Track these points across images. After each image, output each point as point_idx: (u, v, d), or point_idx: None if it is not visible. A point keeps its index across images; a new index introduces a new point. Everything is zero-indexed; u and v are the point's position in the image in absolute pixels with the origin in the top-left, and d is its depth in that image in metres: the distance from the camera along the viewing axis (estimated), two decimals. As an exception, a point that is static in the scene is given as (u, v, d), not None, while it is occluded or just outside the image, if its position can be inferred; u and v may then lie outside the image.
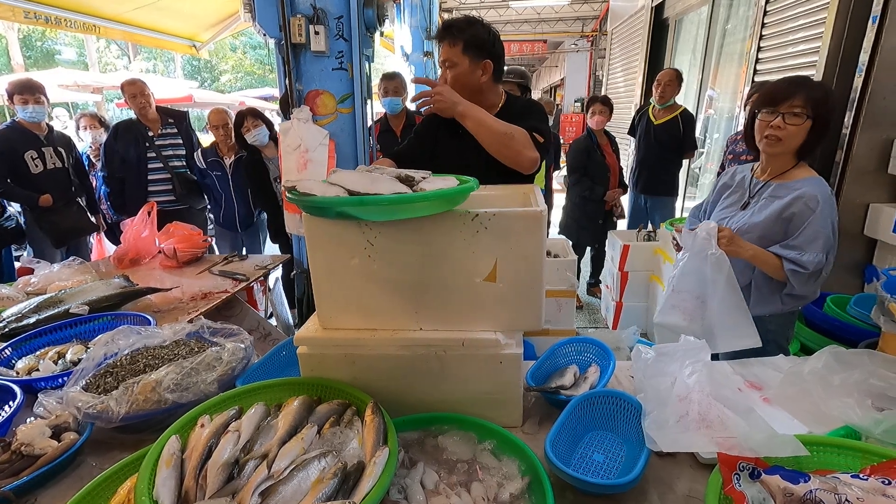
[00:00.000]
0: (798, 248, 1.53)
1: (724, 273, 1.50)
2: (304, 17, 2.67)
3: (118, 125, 3.58)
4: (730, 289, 1.51)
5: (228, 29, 6.03)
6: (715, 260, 1.51)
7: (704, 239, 1.52)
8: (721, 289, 1.51)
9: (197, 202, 3.70)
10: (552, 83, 17.99)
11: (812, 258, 1.50)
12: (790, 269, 1.52)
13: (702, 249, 1.52)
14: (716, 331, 1.53)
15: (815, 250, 1.50)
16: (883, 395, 1.09)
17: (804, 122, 1.50)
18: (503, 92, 1.79)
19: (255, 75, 23.19)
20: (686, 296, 1.58)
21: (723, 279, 1.51)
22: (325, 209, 1.01)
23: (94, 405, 1.11)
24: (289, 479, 0.83)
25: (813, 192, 1.53)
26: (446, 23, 1.66)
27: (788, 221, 1.56)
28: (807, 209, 1.52)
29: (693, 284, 1.56)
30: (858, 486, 0.79)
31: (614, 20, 8.63)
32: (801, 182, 1.58)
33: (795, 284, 1.54)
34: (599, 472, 1.04)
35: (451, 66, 1.64)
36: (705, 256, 1.52)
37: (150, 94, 3.47)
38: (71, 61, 18.25)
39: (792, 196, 1.55)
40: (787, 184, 1.60)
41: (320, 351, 1.16)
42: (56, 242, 3.39)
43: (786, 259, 1.53)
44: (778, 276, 1.57)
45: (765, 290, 1.65)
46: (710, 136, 5.30)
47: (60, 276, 2.23)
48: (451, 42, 1.62)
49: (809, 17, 3.07)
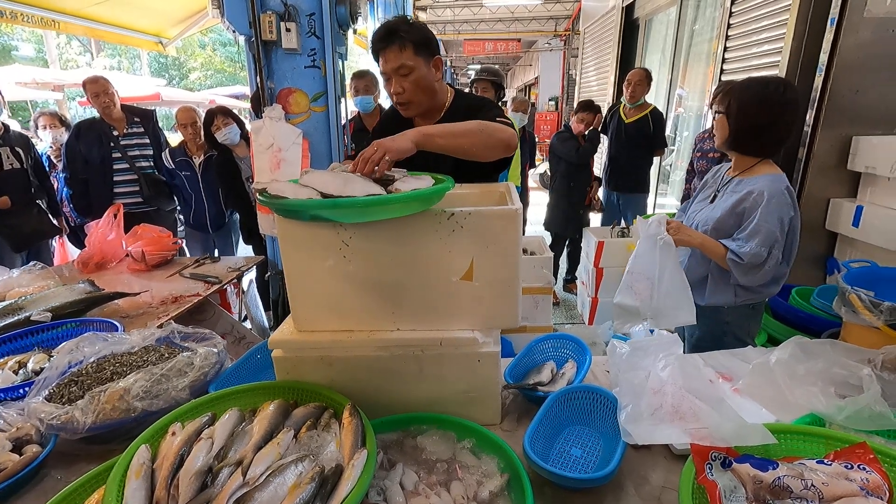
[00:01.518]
0: (740, 241, 1.62)
1: (671, 258, 1.63)
2: (274, 14, 2.62)
3: (80, 124, 3.44)
4: (675, 271, 1.64)
5: (196, 25, 5.86)
6: (663, 244, 1.64)
7: (656, 227, 1.66)
8: (668, 271, 1.63)
9: (166, 203, 3.59)
10: (526, 82, 18.15)
11: (749, 250, 1.58)
12: (730, 259, 1.62)
13: (652, 235, 1.66)
14: (661, 309, 1.65)
15: (754, 243, 1.58)
16: (845, 383, 1.13)
17: (718, 117, 1.68)
18: (449, 88, 1.72)
19: (226, 73, 22.66)
20: (639, 276, 1.69)
21: (670, 263, 1.63)
22: (298, 212, 0.99)
23: (58, 416, 1.07)
24: (265, 486, 0.81)
25: (762, 189, 1.61)
26: (388, 27, 1.49)
27: (741, 216, 1.65)
28: (755, 204, 1.61)
29: (645, 267, 1.67)
30: (823, 472, 0.82)
31: (586, 20, 8.75)
32: (759, 178, 1.66)
33: (736, 274, 1.64)
34: (577, 467, 1.05)
35: (407, 73, 1.49)
36: (655, 242, 1.65)
37: (114, 92, 3.34)
38: (29, 58, 17.49)
39: (745, 191, 1.64)
40: (746, 179, 1.69)
41: (296, 354, 1.14)
42: (15, 247, 3.25)
43: (729, 249, 1.63)
44: (724, 265, 1.67)
45: (719, 281, 1.75)
46: (681, 133, 5.43)
47: (20, 281, 2.14)
48: (401, 46, 1.47)
49: (772, 19, 3.17)
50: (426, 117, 1.64)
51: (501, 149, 1.40)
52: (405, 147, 1.14)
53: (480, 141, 1.34)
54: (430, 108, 1.62)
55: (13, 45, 17.81)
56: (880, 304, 1.63)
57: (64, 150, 3.45)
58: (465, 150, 1.32)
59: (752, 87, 1.61)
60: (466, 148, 1.31)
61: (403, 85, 1.52)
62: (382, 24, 1.52)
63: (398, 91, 1.52)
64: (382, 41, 1.49)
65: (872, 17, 2.50)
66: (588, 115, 3.99)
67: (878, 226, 2.42)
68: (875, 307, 1.64)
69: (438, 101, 1.64)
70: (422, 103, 1.58)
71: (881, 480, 0.80)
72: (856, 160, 2.61)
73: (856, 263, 2.24)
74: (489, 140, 1.36)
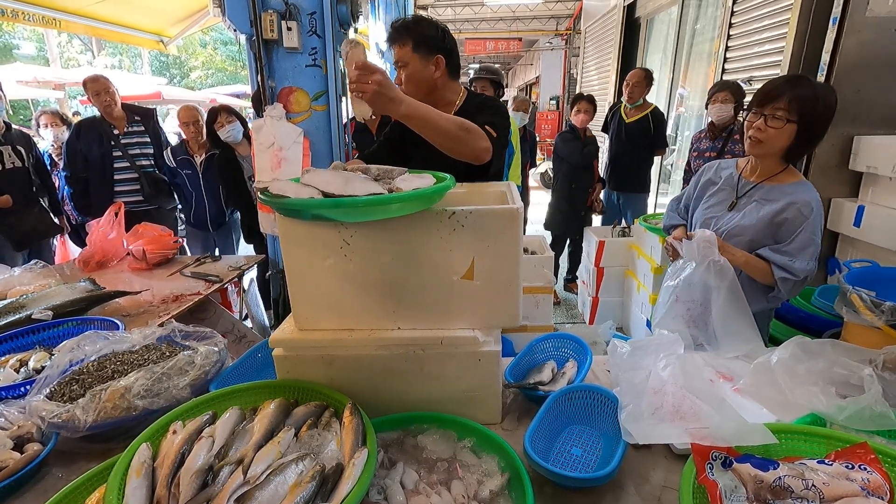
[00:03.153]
0: (790, 255, 1.51)
1: (727, 280, 1.51)
2: (275, 13, 2.62)
3: (80, 123, 3.45)
4: (733, 295, 1.51)
5: (197, 24, 5.86)
6: (719, 268, 1.52)
7: (706, 248, 1.52)
8: (724, 295, 1.51)
9: (167, 202, 3.59)
10: (528, 81, 18.13)
11: (803, 266, 1.50)
12: (781, 277, 1.51)
13: (704, 258, 1.53)
14: (719, 336, 1.52)
15: (806, 258, 1.50)
16: (846, 383, 1.13)
17: (784, 125, 1.46)
18: (462, 89, 1.76)
19: (227, 72, 22.65)
20: (690, 304, 1.58)
21: (725, 286, 1.51)
22: (299, 211, 0.99)
23: (59, 414, 1.07)
24: (265, 484, 0.81)
25: (807, 199, 1.51)
26: (394, 24, 1.65)
27: (779, 226, 1.55)
28: (800, 215, 1.50)
29: (697, 293, 1.56)
30: (824, 472, 0.82)
31: (588, 19, 8.74)
32: (792, 186, 1.56)
33: (784, 290, 1.54)
34: (578, 466, 1.05)
35: (402, 67, 1.64)
36: (708, 265, 1.53)
37: (114, 91, 3.35)
38: (30, 56, 17.48)
39: (786, 201, 1.53)
40: (778, 187, 1.58)
41: (296, 353, 1.14)
42: (17, 245, 3.25)
43: (776, 265, 1.52)
44: (766, 281, 1.56)
45: (750, 290, 1.62)
46: (682, 133, 5.42)
47: (21, 280, 2.14)
48: (401, 42, 1.62)
49: (774, 18, 3.17)
50: None
51: (470, 157, 1.47)
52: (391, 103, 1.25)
53: (454, 143, 1.40)
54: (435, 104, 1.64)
55: (14, 43, 17.81)
56: (881, 304, 1.63)
57: (64, 149, 3.47)
58: (438, 144, 1.40)
59: (821, 91, 1.47)
60: (439, 143, 1.39)
61: (400, 77, 1.66)
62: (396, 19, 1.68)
63: (397, 83, 1.64)
64: (391, 36, 1.65)
65: (874, 16, 2.49)
66: (587, 105, 3.98)
67: (879, 226, 2.42)
68: (876, 307, 1.64)
69: (443, 99, 1.70)
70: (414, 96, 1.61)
71: (882, 481, 0.80)
72: (857, 160, 2.60)
73: (857, 263, 2.24)
74: (462, 147, 1.43)
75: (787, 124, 1.46)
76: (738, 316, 1.51)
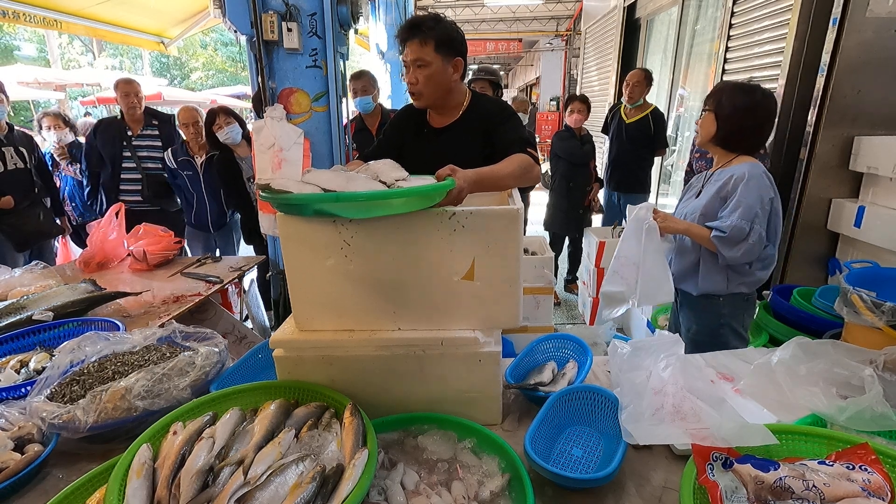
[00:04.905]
0: (722, 217, 1.71)
1: (654, 241, 1.74)
2: (276, 14, 2.62)
3: (101, 121, 3.66)
4: (657, 254, 1.74)
5: (198, 25, 5.87)
6: (647, 228, 1.74)
7: (644, 213, 1.76)
8: (650, 254, 1.74)
9: (170, 204, 3.62)
10: (528, 82, 18.13)
11: (731, 223, 1.66)
12: (714, 236, 1.70)
13: (639, 220, 1.76)
14: (644, 291, 1.73)
15: (736, 217, 1.67)
16: (846, 384, 1.13)
17: (706, 115, 1.79)
18: (467, 90, 1.76)
19: (227, 73, 22.66)
20: (624, 261, 1.78)
21: (652, 246, 1.74)
22: (301, 206, 1.00)
23: (60, 415, 1.07)
24: (266, 485, 0.81)
25: (742, 171, 1.71)
26: (414, 20, 1.59)
27: (724, 199, 1.74)
28: (735, 185, 1.71)
29: (630, 251, 1.77)
30: (824, 472, 0.82)
31: (588, 20, 8.74)
32: (736, 167, 1.76)
33: (721, 251, 1.70)
34: (578, 467, 1.05)
35: (422, 66, 1.57)
36: (641, 227, 1.74)
37: (142, 96, 3.57)
38: (31, 57, 17.51)
39: (727, 177, 1.75)
40: (726, 169, 1.80)
41: (297, 353, 1.14)
42: (18, 246, 3.25)
43: (712, 227, 1.72)
44: (710, 247, 1.74)
45: (710, 266, 1.81)
46: (682, 134, 5.41)
47: (22, 281, 2.14)
48: (422, 41, 1.55)
49: (774, 19, 3.17)
50: (443, 115, 1.70)
51: (528, 184, 1.57)
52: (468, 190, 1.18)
53: (517, 182, 1.45)
54: (444, 105, 1.69)
55: (15, 44, 17.83)
56: (882, 304, 1.62)
57: (84, 146, 3.64)
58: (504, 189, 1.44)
59: (741, 92, 1.73)
60: (506, 188, 1.43)
61: (418, 76, 1.58)
62: (408, 19, 1.63)
63: (412, 81, 1.60)
64: (408, 32, 1.57)
65: (874, 16, 2.49)
66: (580, 105, 3.98)
67: (879, 226, 2.42)
68: (877, 308, 1.63)
69: (455, 101, 1.69)
70: (431, 97, 1.63)
71: (882, 481, 0.80)
72: (858, 160, 2.60)
73: (857, 264, 2.24)
74: (524, 184, 1.51)
75: (707, 113, 1.79)
76: (656, 269, 1.74)
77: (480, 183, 1.25)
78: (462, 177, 1.13)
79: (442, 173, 1.12)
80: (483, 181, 1.27)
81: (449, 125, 1.69)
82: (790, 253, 2.89)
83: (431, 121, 1.73)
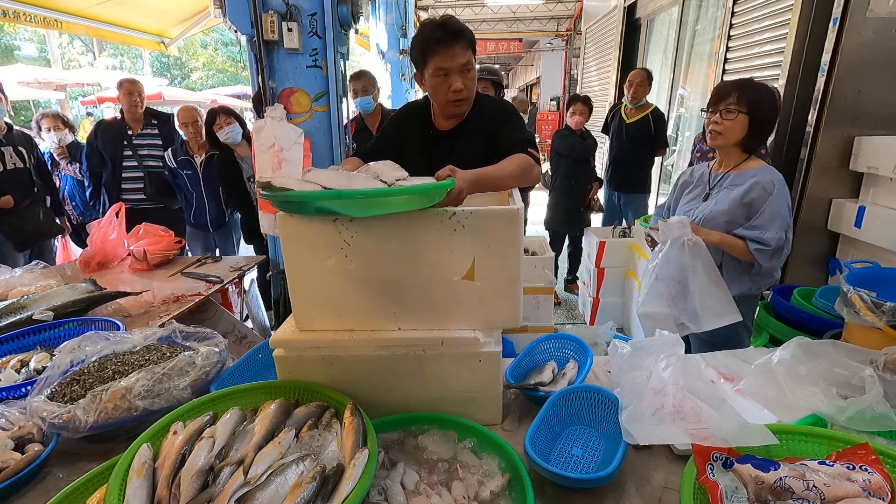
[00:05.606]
0: (760, 228, 1.67)
1: (701, 257, 1.64)
2: (276, 14, 2.62)
3: (101, 121, 3.71)
4: (708, 271, 1.64)
5: (198, 25, 5.87)
6: (692, 245, 1.65)
7: (679, 229, 1.66)
8: (700, 272, 1.65)
9: (172, 201, 3.63)
10: (528, 82, 18.13)
11: (773, 235, 1.65)
12: (755, 249, 1.66)
13: (678, 238, 1.66)
14: (699, 312, 1.64)
15: (775, 228, 1.65)
16: (847, 384, 1.13)
17: (737, 116, 1.68)
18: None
19: (228, 73, 22.66)
20: (669, 282, 1.68)
21: (701, 262, 1.64)
22: (302, 204, 1.00)
23: (60, 414, 1.07)
24: (266, 485, 0.81)
25: (769, 178, 1.69)
26: (454, 25, 1.50)
27: (749, 206, 1.70)
28: (764, 193, 1.67)
29: (674, 271, 1.67)
30: (825, 472, 0.82)
31: (588, 20, 8.74)
32: (755, 171, 1.73)
33: (761, 262, 1.67)
34: (578, 467, 1.05)
35: (468, 70, 1.52)
36: (682, 244, 1.64)
37: (144, 96, 3.61)
38: (31, 57, 17.51)
39: (750, 182, 1.70)
40: (742, 173, 1.75)
41: (297, 353, 1.14)
42: (18, 246, 3.25)
43: (750, 240, 1.67)
44: (744, 258, 1.71)
45: (734, 271, 1.79)
46: (682, 133, 5.41)
47: (22, 281, 2.14)
48: (466, 45, 1.49)
49: (774, 19, 3.17)
50: (450, 117, 1.66)
51: (528, 184, 1.55)
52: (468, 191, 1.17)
53: (517, 182, 1.44)
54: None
55: (16, 44, 17.84)
56: (882, 304, 1.62)
57: (85, 147, 3.67)
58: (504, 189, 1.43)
59: (764, 90, 1.68)
60: (506, 188, 1.42)
61: (465, 82, 1.53)
62: (440, 20, 1.51)
63: (459, 88, 1.52)
64: (452, 37, 1.48)
65: (875, 17, 2.49)
66: (582, 107, 3.98)
67: (880, 226, 2.41)
68: (877, 308, 1.63)
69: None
70: (470, 102, 1.62)
71: (883, 481, 0.80)
72: (858, 160, 2.60)
73: (858, 264, 2.24)
74: (524, 184, 1.49)
75: (738, 115, 1.68)
76: (714, 290, 1.65)
77: (480, 183, 1.25)
78: (462, 177, 1.13)
79: (441, 174, 1.11)
80: (483, 181, 1.26)
81: (455, 127, 1.67)
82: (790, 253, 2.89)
83: (437, 123, 1.70)
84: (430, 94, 1.61)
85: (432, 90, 1.57)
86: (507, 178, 1.39)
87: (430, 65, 1.51)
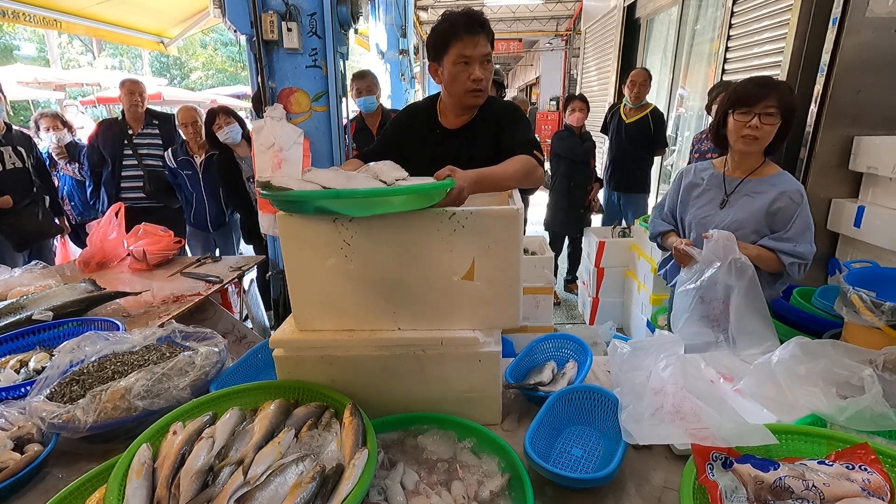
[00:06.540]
0: (792, 241, 1.61)
1: (746, 278, 1.54)
2: (276, 14, 2.62)
3: (103, 121, 3.73)
4: (753, 292, 1.54)
5: (198, 25, 5.87)
6: (740, 266, 1.55)
7: (727, 246, 1.56)
8: (742, 293, 1.55)
9: (172, 200, 3.63)
10: (528, 82, 18.14)
11: (807, 248, 1.61)
12: (790, 262, 1.60)
13: (727, 256, 1.56)
14: (735, 335, 1.55)
15: (807, 240, 1.61)
16: (846, 384, 1.13)
17: (777, 121, 1.59)
18: None
19: (227, 73, 22.64)
20: (714, 304, 1.60)
21: (744, 285, 1.54)
22: (301, 203, 1.00)
23: (60, 415, 1.07)
24: (265, 485, 0.81)
25: (795, 188, 1.63)
26: (477, 16, 1.51)
27: (774, 215, 1.65)
28: (792, 203, 1.62)
29: (720, 292, 1.58)
30: (824, 472, 0.82)
31: (588, 19, 8.74)
32: (775, 178, 1.68)
33: (792, 274, 1.63)
34: (578, 467, 1.05)
35: (488, 63, 1.53)
36: (730, 263, 1.56)
37: (146, 96, 3.64)
38: (31, 57, 17.49)
39: (776, 192, 1.64)
40: (764, 179, 1.69)
41: (297, 353, 1.14)
42: (17, 246, 3.25)
43: (783, 253, 1.61)
44: (775, 270, 1.65)
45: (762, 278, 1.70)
46: (682, 133, 5.42)
47: (22, 281, 2.14)
48: (488, 36, 1.51)
49: (774, 19, 3.17)
50: (460, 115, 1.65)
51: (531, 185, 1.52)
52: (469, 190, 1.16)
53: (519, 184, 1.42)
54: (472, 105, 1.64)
55: (15, 44, 17.82)
56: (882, 304, 1.62)
57: (86, 147, 3.70)
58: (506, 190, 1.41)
59: (790, 89, 1.61)
60: (507, 189, 1.40)
61: (485, 73, 1.53)
62: (464, 11, 1.51)
63: (479, 78, 1.51)
64: (479, 25, 1.49)
65: (874, 17, 2.49)
66: (581, 104, 3.98)
67: (879, 226, 2.41)
68: (876, 308, 1.63)
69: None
70: (486, 95, 1.60)
71: (882, 481, 0.80)
72: (857, 160, 2.60)
73: (857, 264, 2.23)
74: (527, 185, 1.47)
75: (778, 120, 1.59)
76: (754, 314, 1.55)
77: (481, 183, 1.24)
78: (462, 177, 1.12)
79: (441, 174, 1.11)
80: (484, 181, 1.25)
81: (464, 126, 1.64)
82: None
83: (445, 121, 1.67)
84: (447, 85, 1.56)
85: (451, 79, 1.53)
86: (510, 179, 1.37)
87: (451, 52, 1.49)
